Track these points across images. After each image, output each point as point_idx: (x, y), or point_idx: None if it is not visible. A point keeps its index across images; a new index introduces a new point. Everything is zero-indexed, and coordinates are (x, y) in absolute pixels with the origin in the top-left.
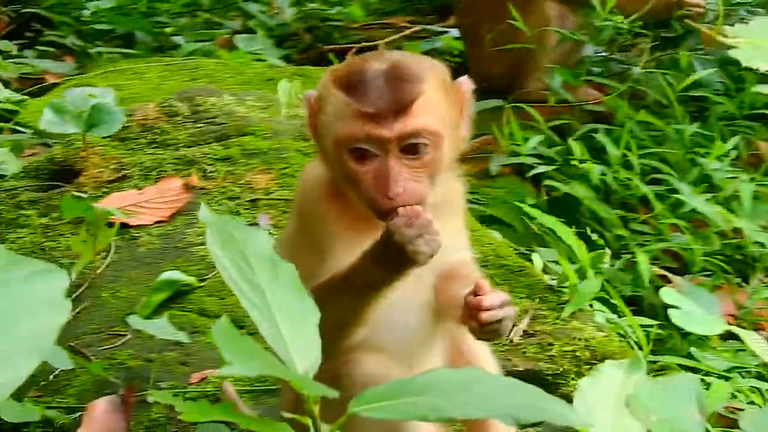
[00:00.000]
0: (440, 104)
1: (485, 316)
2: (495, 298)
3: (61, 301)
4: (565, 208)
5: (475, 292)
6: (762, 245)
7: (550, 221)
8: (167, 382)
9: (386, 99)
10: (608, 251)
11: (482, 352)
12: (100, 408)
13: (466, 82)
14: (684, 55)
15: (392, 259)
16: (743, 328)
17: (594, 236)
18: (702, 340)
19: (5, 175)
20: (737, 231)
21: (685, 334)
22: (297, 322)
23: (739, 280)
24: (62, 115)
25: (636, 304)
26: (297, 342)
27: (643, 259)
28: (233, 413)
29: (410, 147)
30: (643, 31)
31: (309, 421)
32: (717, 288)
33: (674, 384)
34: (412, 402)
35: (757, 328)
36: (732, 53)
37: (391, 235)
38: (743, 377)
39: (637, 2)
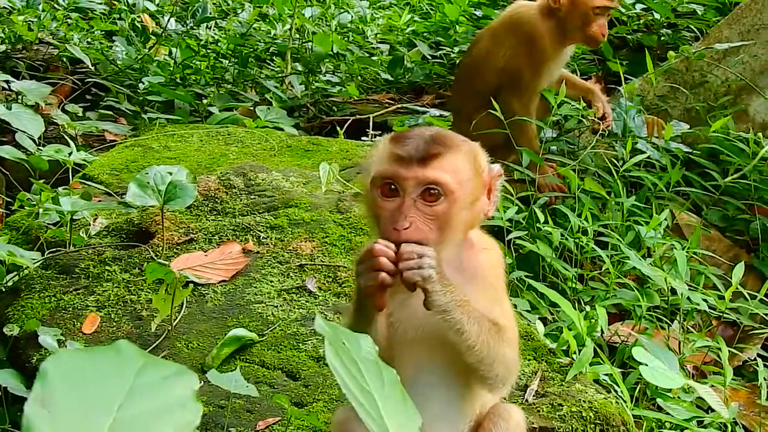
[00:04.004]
0: (463, 171)
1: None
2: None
3: (193, 404)
4: (530, 263)
5: None
6: (689, 300)
7: (556, 298)
8: (237, 428)
9: (417, 149)
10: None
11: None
12: None
13: (496, 170)
14: (629, 141)
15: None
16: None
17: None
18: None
19: (80, 219)
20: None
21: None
22: (402, 426)
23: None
24: (145, 190)
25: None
26: None
27: (602, 313)
28: None
29: (427, 193)
30: (593, 119)
31: None
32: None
33: None
34: None
35: (683, 365)
36: None
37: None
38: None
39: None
